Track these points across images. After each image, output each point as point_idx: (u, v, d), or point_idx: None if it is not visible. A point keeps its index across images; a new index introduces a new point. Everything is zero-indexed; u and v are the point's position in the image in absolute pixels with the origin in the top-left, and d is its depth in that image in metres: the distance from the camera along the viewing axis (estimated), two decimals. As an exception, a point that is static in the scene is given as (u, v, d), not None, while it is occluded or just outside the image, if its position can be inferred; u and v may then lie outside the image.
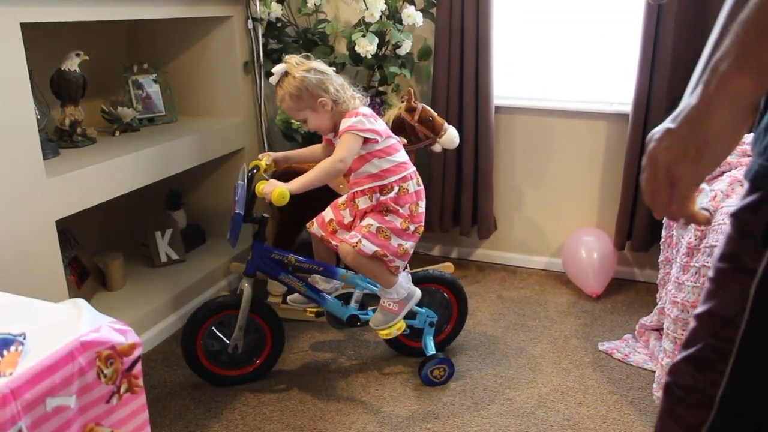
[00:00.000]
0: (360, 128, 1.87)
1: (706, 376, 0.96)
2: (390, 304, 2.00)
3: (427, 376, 2.10)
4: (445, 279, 2.23)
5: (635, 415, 1.96)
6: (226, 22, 2.71)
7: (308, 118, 1.95)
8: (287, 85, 1.89)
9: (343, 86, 1.94)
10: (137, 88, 2.67)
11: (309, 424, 1.93)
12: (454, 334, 2.31)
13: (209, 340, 2.07)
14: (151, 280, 2.59)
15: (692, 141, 0.72)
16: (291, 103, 1.91)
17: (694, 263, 1.77)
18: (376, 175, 1.93)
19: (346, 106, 1.92)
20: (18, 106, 1.70)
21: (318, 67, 1.92)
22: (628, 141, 2.61)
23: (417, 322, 2.17)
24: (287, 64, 1.90)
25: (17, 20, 1.68)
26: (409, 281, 2.06)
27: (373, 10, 2.49)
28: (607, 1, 2.69)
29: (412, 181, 1.97)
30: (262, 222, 1.98)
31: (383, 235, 1.91)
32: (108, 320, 1.11)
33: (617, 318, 2.57)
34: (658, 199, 0.77)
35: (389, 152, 1.93)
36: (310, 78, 1.88)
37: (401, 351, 2.28)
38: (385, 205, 1.92)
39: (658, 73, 2.49)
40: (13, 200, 1.71)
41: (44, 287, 1.80)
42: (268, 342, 2.14)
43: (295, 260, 2.02)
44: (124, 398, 1.11)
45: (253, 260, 1.99)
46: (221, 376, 2.12)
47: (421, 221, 1.98)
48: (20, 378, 0.94)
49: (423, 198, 2.00)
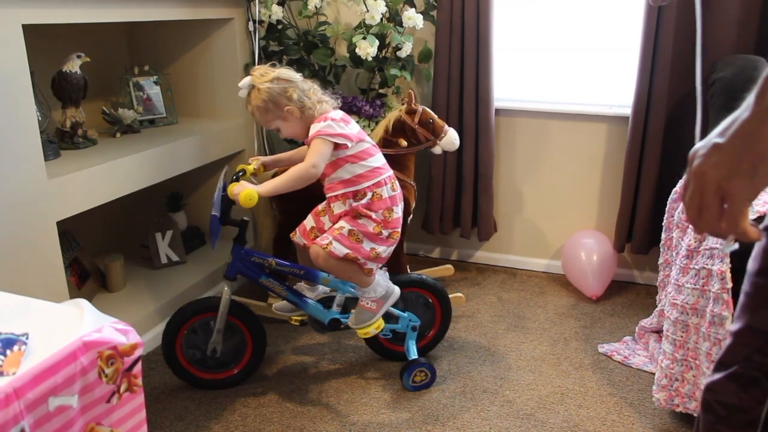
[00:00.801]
0: (329, 132, 1.85)
1: (752, 394, 0.94)
2: (368, 303, 2.00)
3: (408, 380, 2.08)
4: (429, 284, 2.20)
5: (635, 417, 1.96)
6: (227, 24, 2.71)
7: (280, 127, 1.96)
8: (254, 98, 1.90)
9: (310, 91, 1.93)
10: (138, 90, 2.67)
11: (309, 425, 1.93)
12: (437, 340, 2.29)
13: (189, 342, 2.07)
14: (152, 281, 2.60)
15: (746, 155, 0.70)
16: (259, 115, 1.93)
17: (693, 265, 1.78)
18: (349, 181, 1.92)
19: (313, 111, 1.91)
20: (19, 107, 1.70)
21: (282, 75, 1.91)
22: (628, 143, 2.62)
23: (399, 326, 2.15)
24: (252, 77, 1.91)
25: (19, 22, 1.69)
26: (386, 279, 2.05)
27: (373, 13, 2.50)
28: (608, 4, 2.70)
29: (386, 186, 1.94)
30: (242, 225, 1.98)
31: (355, 237, 1.89)
32: (110, 320, 1.12)
33: (617, 320, 2.57)
34: (707, 217, 0.74)
35: (362, 157, 1.92)
36: (274, 88, 1.88)
37: (384, 355, 2.26)
38: (357, 211, 1.91)
39: (658, 76, 2.50)
40: (15, 201, 1.71)
41: (45, 288, 1.80)
42: (248, 346, 2.12)
43: (275, 263, 2.02)
44: (123, 398, 1.12)
45: (233, 263, 2.00)
46: (202, 380, 2.10)
47: (395, 227, 1.96)
48: (23, 377, 0.94)
49: (399, 203, 1.98)
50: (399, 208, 1.98)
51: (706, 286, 1.71)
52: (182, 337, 2.06)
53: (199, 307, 2.05)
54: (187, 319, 2.04)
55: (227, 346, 2.09)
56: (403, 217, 2.39)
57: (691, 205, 0.76)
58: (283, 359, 2.30)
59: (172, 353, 2.05)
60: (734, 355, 0.96)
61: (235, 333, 2.10)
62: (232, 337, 2.10)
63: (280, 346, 2.38)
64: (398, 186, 2.00)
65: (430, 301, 2.23)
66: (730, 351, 0.97)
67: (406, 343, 2.17)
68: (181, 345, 2.06)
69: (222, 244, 2.06)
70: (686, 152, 2.81)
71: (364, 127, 2.62)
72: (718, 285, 1.64)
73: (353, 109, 2.64)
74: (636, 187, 2.67)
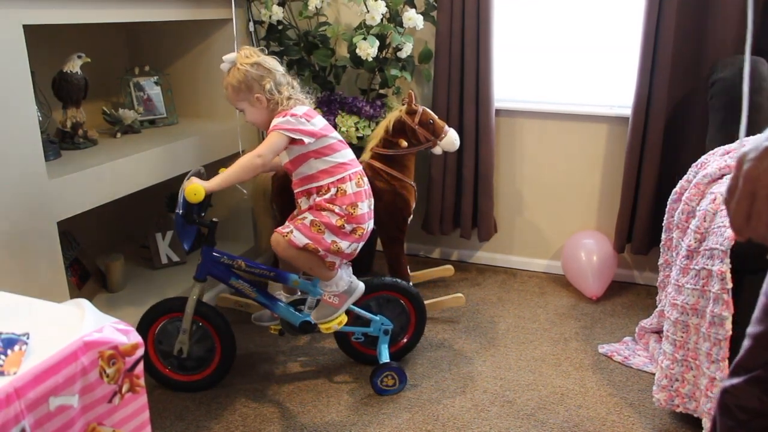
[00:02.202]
0: (285, 127, 1.87)
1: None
2: (330, 297, 1.99)
3: (377, 384, 2.07)
4: (403, 288, 2.17)
5: (635, 417, 1.96)
6: (228, 24, 2.72)
7: (245, 110, 1.98)
8: (231, 76, 1.94)
9: (283, 87, 1.94)
10: (138, 90, 2.68)
11: (310, 425, 1.94)
12: (411, 346, 2.26)
13: (159, 342, 2.06)
14: (152, 281, 2.60)
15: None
16: (230, 92, 1.96)
17: (693, 266, 1.78)
18: (312, 176, 1.93)
19: (276, 106, 1.94)
20: (20, 107, 1.70)
21: (264, 63, 1.94)
22: (628, 144, 2.62)
23: (372, 329, 2.14)
24: (237, 55, 1.94)
25: (20, 22, 1.69)
26: (350, 275, 2.05)
27: (374, 13, 2.50)
28: (608, 4, 2.71)
29: (351, 182, 1.93)
30: (211, 226, 1.98)
31: (316, 228, 1.88)
32: (111, 320, 1.12)
33: (617, 320, 2.57)
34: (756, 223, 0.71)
35: (325, 153, 1.92)
36: (251, 72, 1.91)
37: (357, 359, 2.24)
38: (320, 206, 1.91)
39: (658, 76, 2.50)
40: (15, 201, 1.72)
41: (46, 288, 1.80)
42: (217, 348, 2.09)
43: (245, 265, 2.01)
44: (125, 398, 1.12)
45: (203, 265, 1.99)
46: (175, 381, 2.09)
47: (360, 222, 1.93)
48: (24, 377, 0.94)
49: (365, 199, 1.96)
50: (365, 204, 1.96)
51: (706, 287, 1.71)
52: (153, 337, 2.05)
53: (166, 308, 2.04)
54: (156, 319, 2.04)
55: (199, 349, 2.07)
56: (403, 217, 2.41)
57: (738, 210, 0.72)
58: (283, 359, 2.30)
59: (145, 353, 2.03)
60: (755, 359, 0.94)
61: (205, 336, 2.08)
62: (203, 340, 2.08)
63: (281, 347, 2.38)
64: (366, 182, 1.99)
65: (405, 306, 2.20)
66: (751, 354, 0.95)
67: (378, 347, 2.15)
68: (153, 345, 2.06)
69: (219, 243, 2.06)
70: (686, 153, 2.82)
71: (365, 128, 2.62)
72: (718, 285, 1.65)
73: (353, 110, 2.64)
74: (636, 188, 2.67)
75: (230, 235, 2.93)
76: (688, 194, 1.98)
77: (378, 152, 2.37)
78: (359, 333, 2.15)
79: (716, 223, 1.74)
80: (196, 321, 2.04)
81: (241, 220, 2.96)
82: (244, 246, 2.91)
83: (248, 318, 2.35)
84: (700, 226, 1.78)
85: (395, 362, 2.10)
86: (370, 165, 2.36)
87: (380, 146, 2.37)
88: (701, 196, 1.92)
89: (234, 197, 2.91)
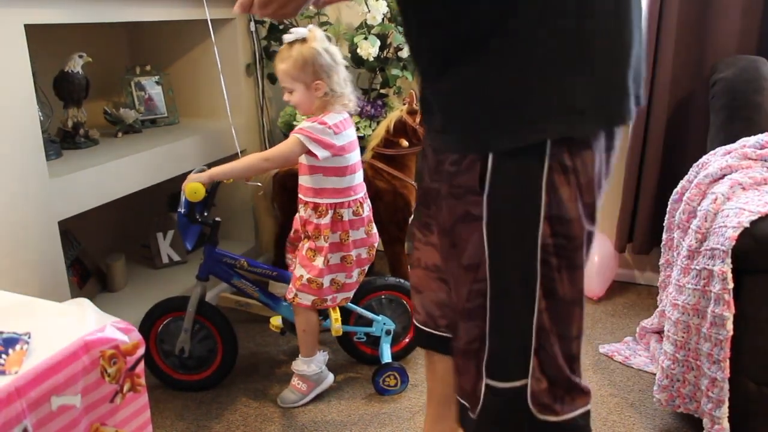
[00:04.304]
0: (309, 133, 1.78)
1: None
2: (299, 383, 2.01)
3: (379, 384, 2.07)
4: (404, 287, 2.16)
5: (636, 417, 1.96)
6: (228, 24, 2.72)
7: (296, 90, 1.85)
8: (297, 51, 1.80)
9: (344, 83, 1.88)
10: (139, 90, 2.68)
11: (310, 425, 1.94)
12: (413, 346, 2.24)
13: (161, 341, 2.07)
14: (153, 281, 2.60)
15: None
16: (291, 69, 1.81)
17: (694, 266, 1.78)
18: (315, 191, 1.89)
19: (332, 100, 1.86)
20: (21, 107, 1.70)
21: (336, 55, 1.86)
22: (629, 144, 2.62)
23: (374, 329, 2.14)
24: (310, 33, 1.83)
25: (21, 22, 1.69)
26: (323, 362, 2.06)
27: (375, 13, 2.50)
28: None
29: (349, 209, 1.90)
30: (213, 225, 1.98)
31: (315, 284, 1.89)
32: (112, 320, 1.12)
33: (618, 320, 2.57)
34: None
35: (334, 173, 1.87)
36: (324, 57, 1.81)
37: (359, 359, 2.24)
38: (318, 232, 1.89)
39: (658, 77, 2.49)
40: (16, 201, 1.72)
41: (47, 288, 1.81)
42: (219, 348, 2.10)
43: (247, 264, 2.02)
44: (127, 397, 1.12)
45: (205, 264, 2.00)
46: (176, 380, 2.09)
47: (349, 251, 1.91)
48: (25, 376, 0.95)
49: (359, 227, 1.93)
50: (357, 232, 1.94)
51: (707, 287, 1.71)
52: (155, 336, 2.05)
53: (168, 307, 2.05)
54: (159, 318, 2.04)
55: (200, 348, 2.07)
56: (404, 217, 2.41)
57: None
58: (284, 359, 2.30)
59: (147, 352, 2.04)
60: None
61: (207, 335, 2.08)
62: (205, 340, 2.08)
63: (282, 346, 2.38)
64: (365, 209, 1.96)
65: (407, 305, 2.19)
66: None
67: (380, 347, 2.15)
68: (156, 343, 2.06)
69: (220, 243, 2.06)
70: (687, 153, 2.81)
71: (366, 127, 2.62)
72: (720, 285, 1.64)
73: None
74: (637, 188, 2.66)
75: (231, 235, 2.93)
76: (689, 194, 1.97)
77: (379, 152, 2.37)
78: (361, 333, 2.15)
79: (717, 223, 1.74)
80: (198, 320, 2.04)
81: (242, 220, 2.97)
82: (245, 246, 2.91)
83: (249, 317, 2.35)
84: (701, 226, 1.78)
85: (397, 362, 2.10)
86: (371, 165, 2.36)
87: (381, 146, 2.37)
88: (702, 196, 1.92)
89: (234, 197, 2.91)
